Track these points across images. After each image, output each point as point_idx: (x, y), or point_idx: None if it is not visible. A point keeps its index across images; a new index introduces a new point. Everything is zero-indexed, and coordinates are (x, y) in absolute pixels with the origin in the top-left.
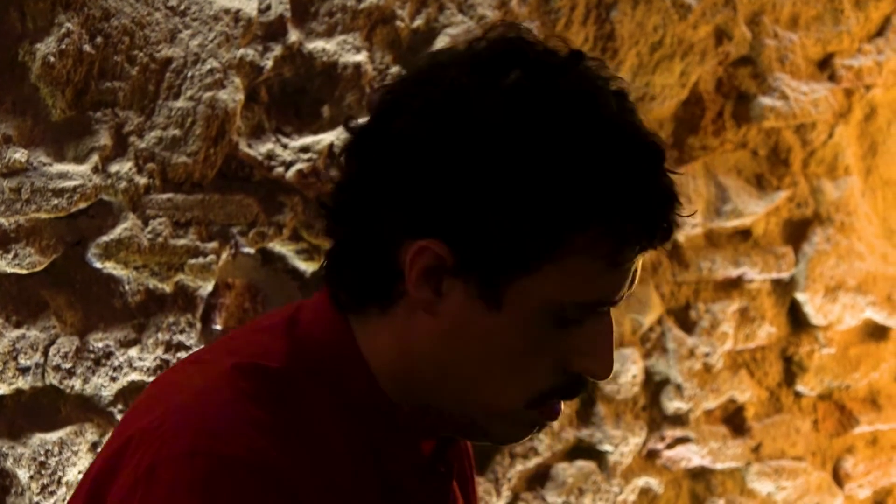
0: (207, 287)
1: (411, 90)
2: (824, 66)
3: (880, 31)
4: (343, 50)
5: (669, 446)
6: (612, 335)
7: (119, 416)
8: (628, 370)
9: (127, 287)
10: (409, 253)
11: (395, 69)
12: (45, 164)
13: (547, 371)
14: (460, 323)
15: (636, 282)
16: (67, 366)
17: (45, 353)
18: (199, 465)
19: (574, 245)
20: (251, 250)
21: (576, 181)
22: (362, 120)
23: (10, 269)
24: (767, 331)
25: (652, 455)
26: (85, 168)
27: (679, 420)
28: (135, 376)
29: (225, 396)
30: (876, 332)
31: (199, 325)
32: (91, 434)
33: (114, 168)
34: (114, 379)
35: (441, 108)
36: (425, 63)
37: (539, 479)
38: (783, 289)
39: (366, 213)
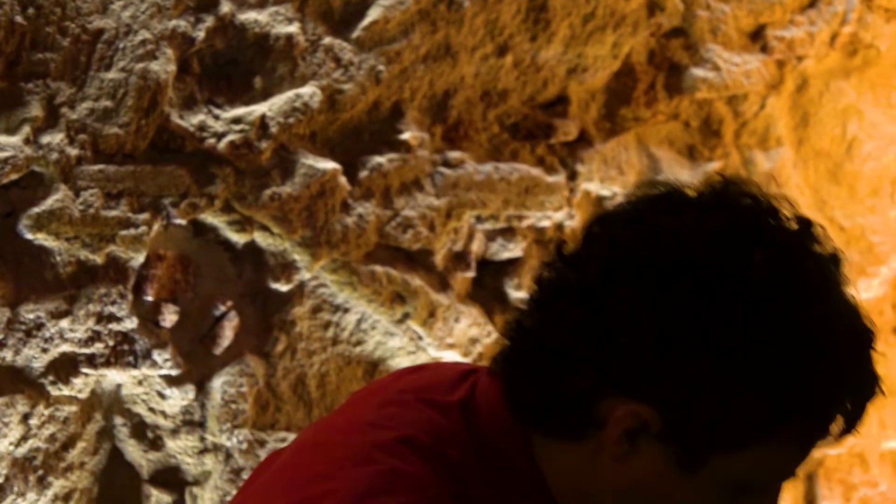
0: (139, 258)
1: (648, 248)
2: (756, 38)
3: (812, 3)
4: (275, 21)
5: None
6: (778, 499)
7: (51, 389)
8: None
9: (58, 258)
10: (616, 411)
11: (327, 40)
12: None
13: None
14: (647, 480)
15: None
16: None
17: None
18: None
19: (782, 430)
20: (183, 221)
21: (801, 370)
22: (576, 248)
23: None
24: None
25: None
26: (16, 139)
27: None
28: (66, 348)
29: (419, 475)
30: None
31: (130, 297)
32: (22, 406)
33: (45, 139)
34: (45, 350)
35: (683, 280)
36: (657, 208)
37: None
38: None
39: (576, 351)
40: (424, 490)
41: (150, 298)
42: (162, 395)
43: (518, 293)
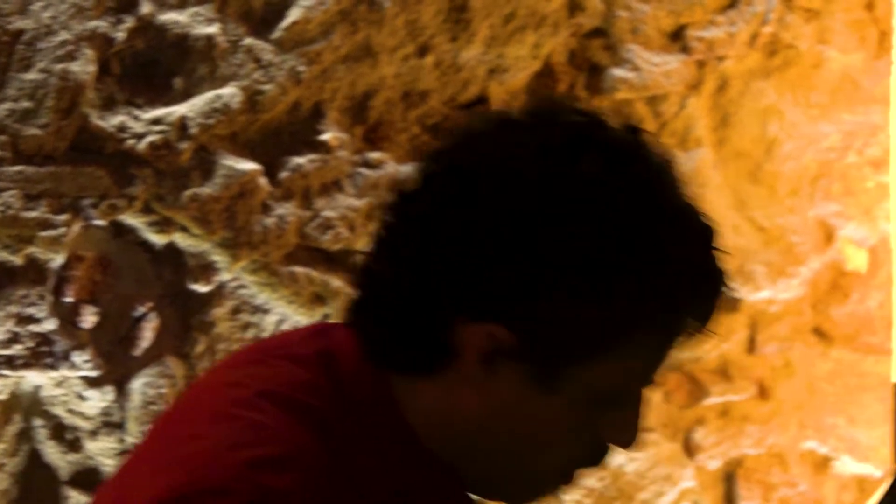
0: (59, 259)
1: (479, 168)
2: (677, 38)
3: (733, 3)
4: (195, 22)
5: None
6: (644, 408)
7: None
8: None
9: None
10: (470, 334)
11: (247, 41)
12: None
13: (583, 445)
14: (509, 402)
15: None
16: None
17: None
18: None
19: (634, 334)
20: (103, 222)
21: (646, 274)
22: (413, 183)
23: None
24: None
25: None
26: None
27: None
28: None
29: (275, 425)
30: (726, 304)
31: (50, 298)
32: None
33: None
34: None
35: (516, 194)
36: (487, 134)
37: None
38: None
39: (422, 283)
40: (286, 441)
41: (69, 300)
42: (81, 397)
43: None
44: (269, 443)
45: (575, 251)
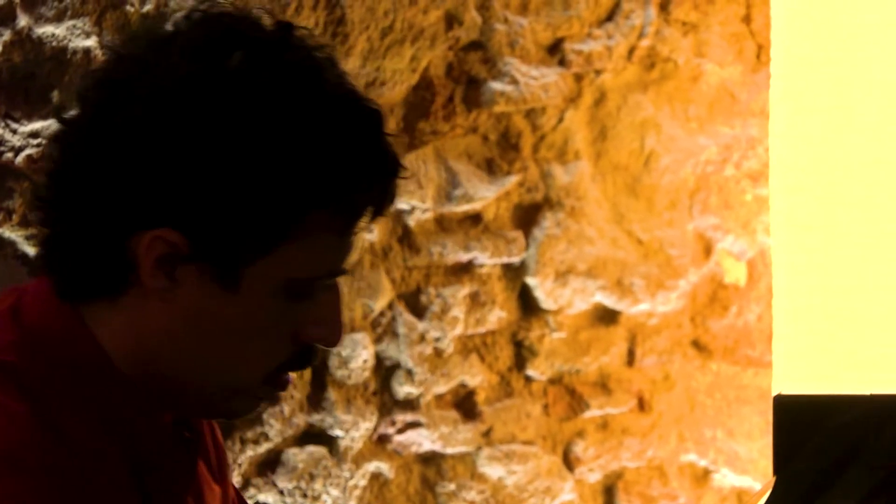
0: None
1: (132, 79)
2: (554, 51)
3: (610, 16)
4: (73, 35)
5: (400, 431)
6: (341, 303)
7: None
8: (359, 355)
9: None
10: (142, 244)
11: None
12: None
13: (283, 345)
14: (196, 308)
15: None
16: None
17: None
18: None
19: (307, 222)
20: None
21: (308, 161)
22: (74, 111)
23: None
24: (498, 315)
25: (383, 440)
26: None
27: (410, 405)
28: None
29: None
30: (606, 316)
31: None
32: None
33: None
34: None
35: (167, 96)
36: (137, 48)
37: (270, 464)
38: (514, 273)
39: (90, 204)
40: None
41: None
42: None
43: None
44: None
45: (232, 145)
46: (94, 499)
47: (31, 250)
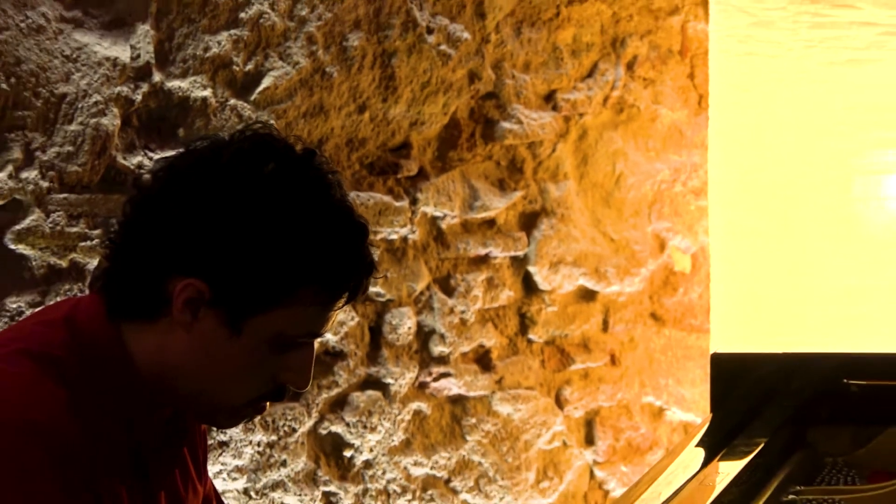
0: (94, 263)
1: (191, 168)
2: (549, 99)
3: (590, 73)
4: (194, 87)
5: (435, 379)
6: (313, 358)
7: None
8: (405, 324)
9: (34, 263)
10: (177, 286)
11: (232, 101)
12: None
13: (264, 382)
14: (208, 341)
15: (334, 321)
16: None
17: None
18: (6, 433)
19: (299, 295)
20: None
21: (307, 250)
22: (147, 180)
23: None
24: (507, 294)
25: (422, 386)
26: (2, 175)
27: (442, 360)
28: None
29: (22, 372)
30: (587, 295)
31: (87, 291)
32: None
33: (24, 175)
34: None
35: (213, 185)
36: (202, 146)
37: (339, 403)
38: (519, 263)
39: (146, 250)
40: (28, 386)
41: None
42: None
43: (373, 289)
44: (26, 391)
45: (254, 228)
46: (93, 465)
47: None
